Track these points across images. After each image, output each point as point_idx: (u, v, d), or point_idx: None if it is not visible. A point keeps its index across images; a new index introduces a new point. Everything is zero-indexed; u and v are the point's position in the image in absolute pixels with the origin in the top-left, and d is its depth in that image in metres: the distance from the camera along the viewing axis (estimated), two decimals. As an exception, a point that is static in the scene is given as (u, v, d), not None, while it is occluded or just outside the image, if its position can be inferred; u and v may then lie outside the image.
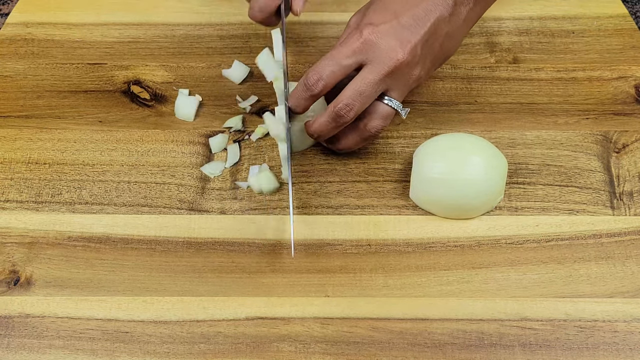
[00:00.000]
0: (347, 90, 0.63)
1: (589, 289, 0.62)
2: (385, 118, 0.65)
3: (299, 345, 0.59)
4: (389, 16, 0.63)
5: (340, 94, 0.63)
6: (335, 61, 0.62)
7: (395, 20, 0.62)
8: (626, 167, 0.70)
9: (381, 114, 0.65)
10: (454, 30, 0.65)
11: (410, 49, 0.62)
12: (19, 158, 0.71)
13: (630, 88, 0.76)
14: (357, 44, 0.62)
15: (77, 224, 0.66)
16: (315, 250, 0.64)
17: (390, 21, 0.62)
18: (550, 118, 0.74)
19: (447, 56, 0.67)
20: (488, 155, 0.64)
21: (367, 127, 0.65)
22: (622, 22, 0.83)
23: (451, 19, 0.64)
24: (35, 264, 0.63)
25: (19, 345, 0.58)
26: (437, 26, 0.63)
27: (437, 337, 0.59)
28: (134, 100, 0.76)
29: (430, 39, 0.63)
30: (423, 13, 0.63)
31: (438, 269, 0.63)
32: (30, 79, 0.77)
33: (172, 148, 0.71)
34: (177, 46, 0.81)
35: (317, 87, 0.63)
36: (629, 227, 0.65)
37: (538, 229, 0.65)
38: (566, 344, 0.59)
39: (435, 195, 0.64)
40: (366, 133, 0.66)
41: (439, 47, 0.65)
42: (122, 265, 0.63)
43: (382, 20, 0.63)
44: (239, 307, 0.61)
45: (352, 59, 0.62)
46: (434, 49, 0.65)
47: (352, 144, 0.67)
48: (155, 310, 0.60)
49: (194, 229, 0.65)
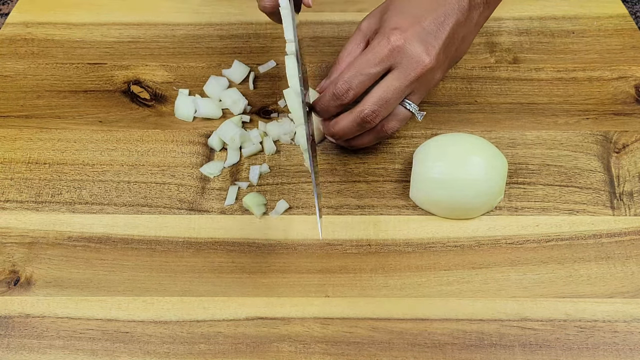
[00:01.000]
0: (373, 97, 0.63)
1: (589, 289, 0.62)
2: (403, 120, 0.66)
3: (299, 345, 0.59)
4: (412, 20, 0.63)
5: (366, 99, 0.63)
6: (364, 71, 0.62)
7: (418, 25, 0.63)
8: (626, 167, 0.70)
9: (399, 117, 0.65)
10: (467, 34, 0.66)
11: (435, 54, 0.62)
12: (19, 158, 0.71)
13: (630, 88, 0.76)
14: (385, 51, 0.62)
15: (77, 224, 0.66)
16: (316, 250, 0.64)
17: (414, 26, 0.62)
18: (551, 118, 0.74)
19: (459, 58, 0.68)
20: (488, 156, 0.64)
21: (385, 128, 0.66)
22: (622, 22, 0.83)
23: (466, 23, 0.65)
24: (35, 264, 0.63)
25: (19, 346, 0.58)
26: (455, 31, 0.64)
27: (437, 337, 0.59)
28: (134, 100, 0.76)
29: (450, 43, 0.64)
30: (443, 17, 0.63)
31: (438, 269, 0.63)
32: (30, 79, 0.77)
33: (172, 148, 0.71)
34: (177, 46, 0.81)
35: (348, 97, 0.63)
36: (629, 227, 0.65)
37: (538, 229, 0.65)
38: (566, 344, 0.59)
39: (435, 195, 0.64)
40: (382, 133, 0.66)
41: (454, 51, 0.66)
42: (122, 265, 0.63)
43: (407, 25, 0.63)
44: (239, 307, 0.61)
45: (380, 67, 0.62)
46: (451, 53, 0.65)
47: (367, 142, 0.68)
48: (156, 311, 0.60)
49: (194, 229, 0.65)
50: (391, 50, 0.62)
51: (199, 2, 0.85)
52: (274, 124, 0.72)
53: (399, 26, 0.62)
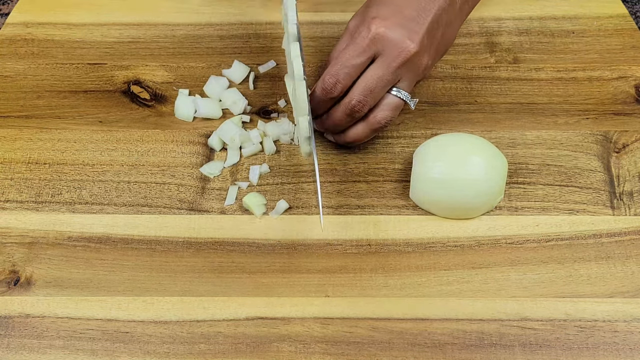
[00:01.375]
0: (359, 87, 0.64)
1: (589, 289, 0.62)
2: (394, 109, 0.66)
3: (299, 345, 0.59)
4: (393, 9, 0.64)
5: (353, 89, 0.64)
6: (349, 63, 0.63)
7: (399, 13, 0.63)
8: (626, 167, 0.70)
9: (390, 105, 0.66)
10: (452, 19, 0.67)
11: (419, 39, 0.63)
12: (19, 158, 0.71)
13: (630, 88, 0.76)
14: (366, 40, 0.63)
15: (77, 224, 0.66)
16: (315, 250, 0.64)
17: (395, 14, 0.63)
18: (550, 118, 0.74)
19: (447, 45, 0.69)
20: (488, 155, 0.64)
21: (377, 119, 0.66)
22: (622, 22, 0.83)
23: (449, 9, 0.66)
24: (36, 264, 0.63)
25: (19, 346, 0.58)
26: (439, 16, 0.65)
27: (437, 337, 0.59)
28: (134, 100, 0.76)
29: (434, 28, 0.65)
30: (424, 4, 0.64)
31: (438, 269, 0.63)
32: (30, 79, 0.77)
33: (172, 148, 0.71)
34: (177, 46, 0.81)
35: (336, 90, 0.64)
36: (629, 227, 0.65)
37: (538, 228, 0.65)
38: (566, 344, 0.59)
39: (435, 195, 0.64)
40: (375, 125, 0.66)
41: (440, 36, 0.66)
42: (122, 265, 0.63)
43: (387, 13, 0.64)
44: (239, 307, 0.61)
45: (364, 56, 0.63)
46: (437, 38, 0.66)
47: (361, 135, 0.68)
48: (156, 311, 0.60)
49: (194, 228, 0.65)
50: (372, 38, 0.63)
51: (199, 2, 0.85)
52: (273, 124, 0.72)
53: (379, 15, 0.63)
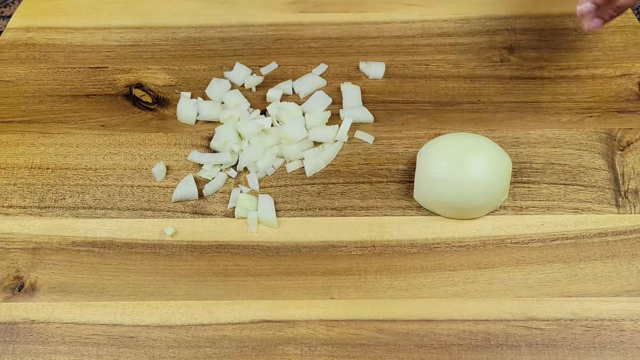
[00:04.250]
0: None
1: (595, 288, 0.61)
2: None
3: (304, 348, 0.58)
4: None
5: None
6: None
7: None
8: (631, 164, 0.69)
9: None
10: None
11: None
12: (21, 163, 0.70)
13: (633, 85, 0.76)
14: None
15: (80, 229, 0.66)
16: (320, 252, 0.64)
17: None
18: (554, 116, 0.73)
19: None
20: (492, 155, 0.64)
21: None
22: (624, 19, 0.82)
23: None
24: (40, 270, 0.63)
25: (24, 352, 0.58)
26: None
27: (443, 338, 0.59)
28: (136, 103, 0.75)
29: None
30: None
31: (443, 270, 0.63)
32: (31, 84, 0.77)
33: (175, 151, 0.71)
34: (178, 49, 0.80)
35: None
36: (634, 225, 0.65)
37: (543, 228, 0.65)
38: (573, 344, 0.58)
39: (440, 196, 0.64)
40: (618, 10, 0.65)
41: None
42: (126, 270, 0.63)
43: None
44: (244, 310, 0.61)
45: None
46: None
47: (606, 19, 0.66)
48: (160, 315, 0.60)
49: (198, 232, 0.65)
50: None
51: (199, 4, 0.85)
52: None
53: None
